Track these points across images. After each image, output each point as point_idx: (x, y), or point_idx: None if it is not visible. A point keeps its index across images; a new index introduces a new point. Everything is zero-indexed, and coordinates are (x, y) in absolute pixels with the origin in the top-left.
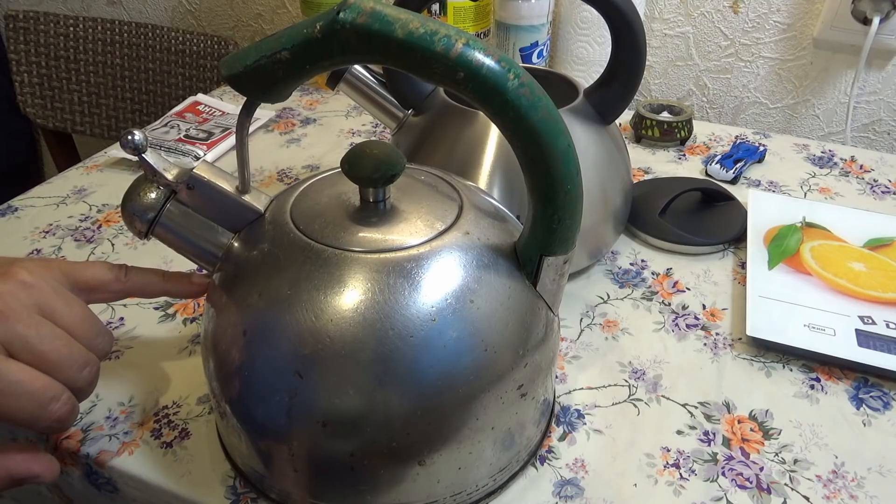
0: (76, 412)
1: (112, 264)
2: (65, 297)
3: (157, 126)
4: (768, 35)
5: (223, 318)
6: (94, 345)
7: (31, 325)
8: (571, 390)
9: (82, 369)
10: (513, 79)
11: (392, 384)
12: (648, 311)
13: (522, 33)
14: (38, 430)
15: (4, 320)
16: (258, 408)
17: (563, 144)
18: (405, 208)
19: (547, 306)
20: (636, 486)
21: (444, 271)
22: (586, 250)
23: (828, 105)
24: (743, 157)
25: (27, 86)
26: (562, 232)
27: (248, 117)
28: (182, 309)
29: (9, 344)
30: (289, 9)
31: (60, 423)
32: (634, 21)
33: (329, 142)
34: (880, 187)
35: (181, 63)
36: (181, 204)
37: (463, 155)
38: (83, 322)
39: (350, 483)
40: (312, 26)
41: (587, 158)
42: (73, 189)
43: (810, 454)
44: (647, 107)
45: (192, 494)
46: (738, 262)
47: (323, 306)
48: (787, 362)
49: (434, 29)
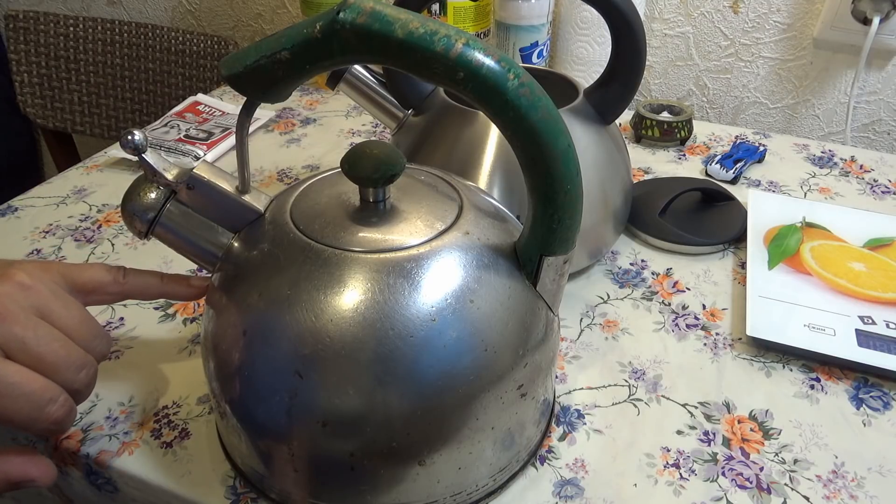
0: (74, 415)
1: (110, 266)
2: (63, 299)
3: (157, 126)
4: (768, 35)
5: (223, 318)
6: (92, 347)
7: (29, 326)
8: (571, 390)
9: (79, 371)
10: (513, 79)
11: (392, 384)
12: (648, 311)
13: (522, 33)
14: (35, 433)
15: (2, 322)
16: (258, 408)
17: (563, 144)
18: (405, 208)
19: (547, 306)
20: (636, 486)
21: (444, 271)
22: (586, 250)
23: (828, 105)
24: (743, 157)
25: (27, 86)
26: (562, 232)
27: (248, 117)
28: (182, 309)
29: (6, 345)
30: (289, 9)
31: (58, 425)
32: (634, 21)
33: (329, 142)
34: (880, 187)
35: (181, 63)
36: (181, 204)
37: (463, 155)
38: (81, 324)
39: (350, 483)
40: (312, 26)
41: (587, 158)
42: (73, 189)
43: (810, 454)
44: (647, 107)
45: (192, 494)
46: (738, 262)
47: (323, 306)
48: (787, 362)
49: (434, 29)
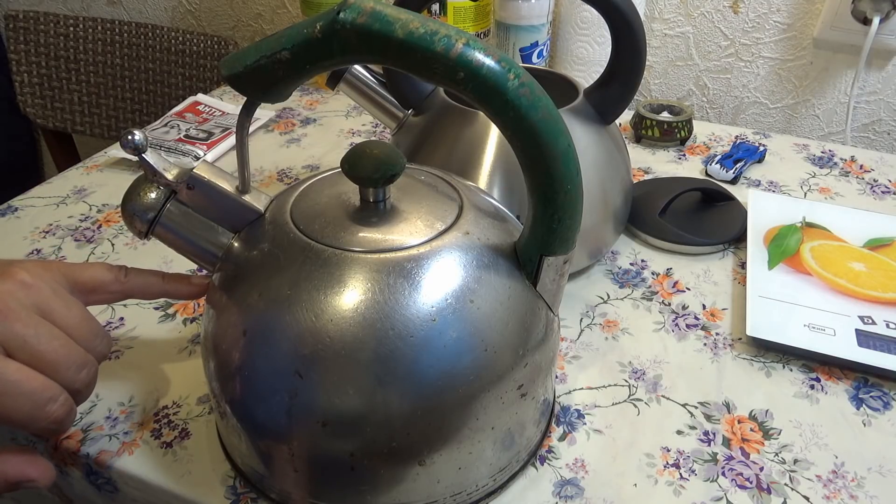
0: (74, 414)
1: (111, 265)
2: (64, 298)
3: (157, 126)
4: (768, 35)
5: (223, 318)
6: (93, 347)
7: (30, 324)
8: (571, 390)
9: (80, 370)
10: (513, 79)
11: (392, 384)
12: (648, 311)
13: (522, 33)
14: (35, 432)
15: (3, 319)
16: (258, 408)
17: (563, 144)
18: (405, 208)
19: (547, 306)
20: (636, 486)
21: (444, 271)
22: (586, 250)
23: (828, 105)
24: (743, 157)
25: (27, 86)
26: (562, 232)
27: (248, 117)
28: (182, 309)
29: (7, 343)
30: (289, 9)
31: (58, 424)
32: (634, 21)
33: (329, 142)
34: (880, 187)
35: (181, 63)
36: (181, 204)
37: (463, 155)
38: (82, 323)
39: (350, 483)
40: (312, 26)
41: (587, 158)
42: (73, 189)
43: (810, 454)
44: (647, 107)
45: (192, 494)
46: (738, 262)
47: (323, 306)
48: (787, 362)
49: (434, 29)
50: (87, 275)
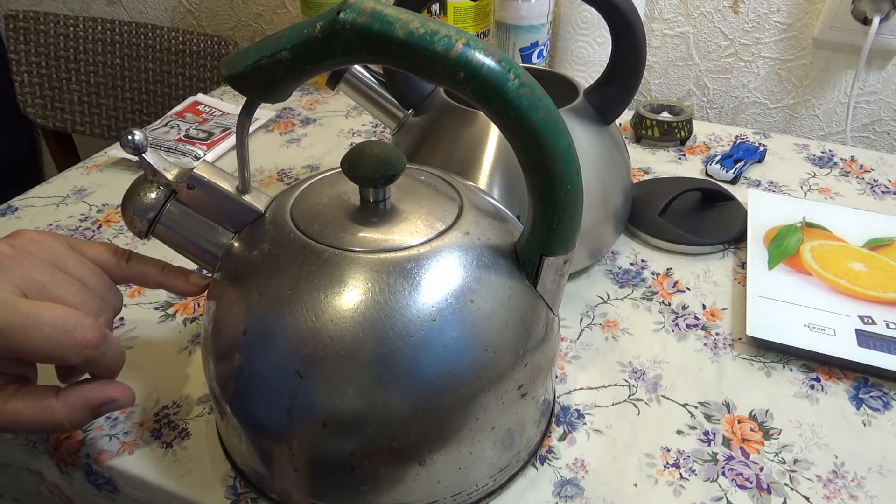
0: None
1: (116, 247)
2: (73, 255)
3: (157, 126)
4: (768, 35)
5: (223, 317)
6: (107, 298)
7: (46, 271)
8: (571, 390)
9: (99, 316)
10: (513, 79)
11: (392, 384)
12: (648, 311)
13: (522, 33)
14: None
15: (19, 265)
16: (258, 408)
17: (563, 144)
18: (405, 208)
19: (547, 306)
20: (636, 486)
21: (444, 271)
22: (586, 250)
23: (828, 105)
24: (743, 157)
25: (27, 86)
26: (562, 232)
27: (249, 117)
28: (182, 309)
29: (25, 287)
30: (289, 9)
31: (94, 349)
32: (634, 21)
33: (329, 142)
34: (880, 187)
35: (181, 63)
36: (181, 204)
37: (463, 155)
38: (95, 275)
39: (350, 483)
40: (313, 26)
41: (587, 158)
42: (73, 189)
43: (810, 454)
44: (647, 107)
45: (192, 494)
46: (738, 262)
47: (323, 306)
48: (787, 362)
49: (434, 29)
50: (92, 252)
